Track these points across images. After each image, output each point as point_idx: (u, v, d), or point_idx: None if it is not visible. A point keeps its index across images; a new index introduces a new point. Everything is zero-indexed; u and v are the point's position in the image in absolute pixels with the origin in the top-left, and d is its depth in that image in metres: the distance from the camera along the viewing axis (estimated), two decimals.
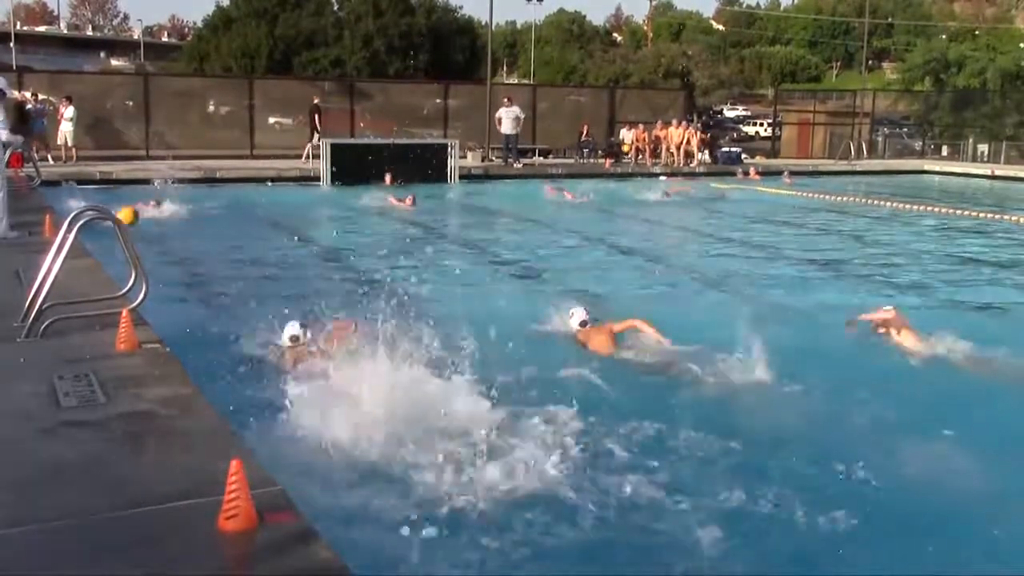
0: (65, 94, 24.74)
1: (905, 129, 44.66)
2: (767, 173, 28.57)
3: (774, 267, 13.59)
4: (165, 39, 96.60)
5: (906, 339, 8.49)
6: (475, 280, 11.65)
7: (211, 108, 29.31)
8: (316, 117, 26.13)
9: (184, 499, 3.92)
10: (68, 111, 23.64)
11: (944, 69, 47.39)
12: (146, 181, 21.68)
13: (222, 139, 28.16)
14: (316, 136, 25.47)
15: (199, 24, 47.87)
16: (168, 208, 16.47)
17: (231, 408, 5.47)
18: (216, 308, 9.72)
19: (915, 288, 12.03)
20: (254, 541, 3.58)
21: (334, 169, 22.23)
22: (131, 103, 27.33)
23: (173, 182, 18.74)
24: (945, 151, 39.39)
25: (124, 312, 6.35)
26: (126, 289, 6.94)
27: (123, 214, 11.04)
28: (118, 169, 22.39)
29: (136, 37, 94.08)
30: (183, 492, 3.98)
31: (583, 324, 8.64)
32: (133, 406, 5.13)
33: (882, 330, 8.75)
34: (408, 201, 18.93)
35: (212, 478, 3.90)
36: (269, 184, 22.40)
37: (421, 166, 23.34)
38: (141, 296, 6.72)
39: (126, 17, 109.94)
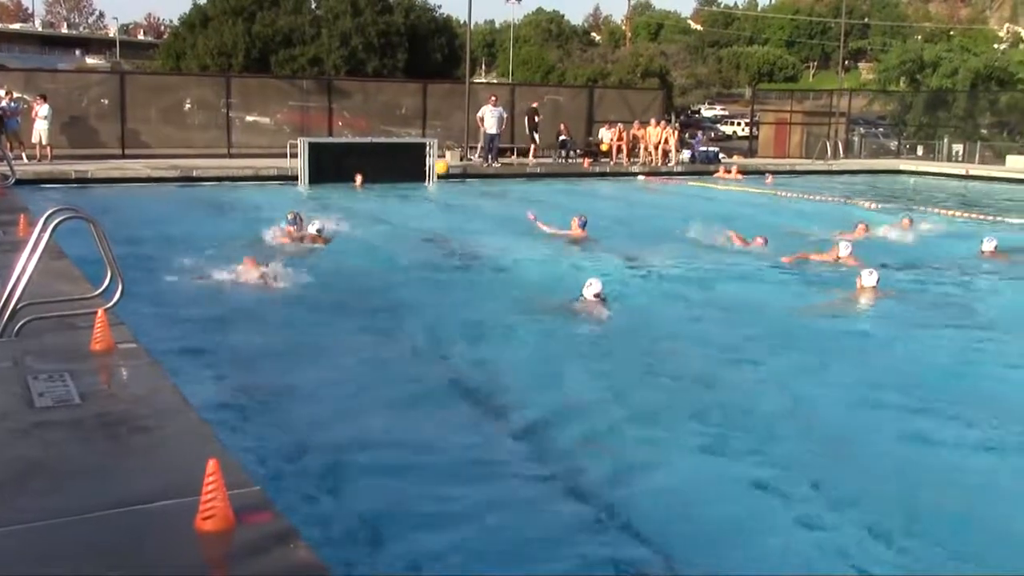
0: (40, 92, 24.50)
1: (881, 129, 45.01)
2: (746, 172, 28.76)
3: None
4: (141, 37, 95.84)
5: None
6: None
7: (188, 107, 29.09)
8: (534, 120, 28.99)
9: (160, 500, 3.89)
10: (43, 109, 23.41)
11: (919, 70, 47.77)
12: (122, 180, 21.58)
13: (199, 138, 27.96)
14: (536, 137, 28.90)
15: (175, 22, 47.61)
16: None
17: None
18: None
19: None
20: (232, 542, 3.56)
21: (313, 168, 22.16)
22: (107, 101, 27.09)
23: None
24: (920, 151, 39.72)
25: (100, 312, 6.31)
26: (101, 289, 6.89)
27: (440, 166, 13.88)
28: (93, 168, 22.19)
29: (112, 35, 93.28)
30: (159, 493, 3.95)
31: (596, 295, 9.58)
32: (109, 406, 5.09)
33: None
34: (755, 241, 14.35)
35: (189, 478, 3.88)
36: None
37: (399, 165, 23.29)
38: (117, 296, 6.67)
39: (101, 15, 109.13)
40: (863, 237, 15.09)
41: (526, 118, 29.53)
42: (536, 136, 29.26)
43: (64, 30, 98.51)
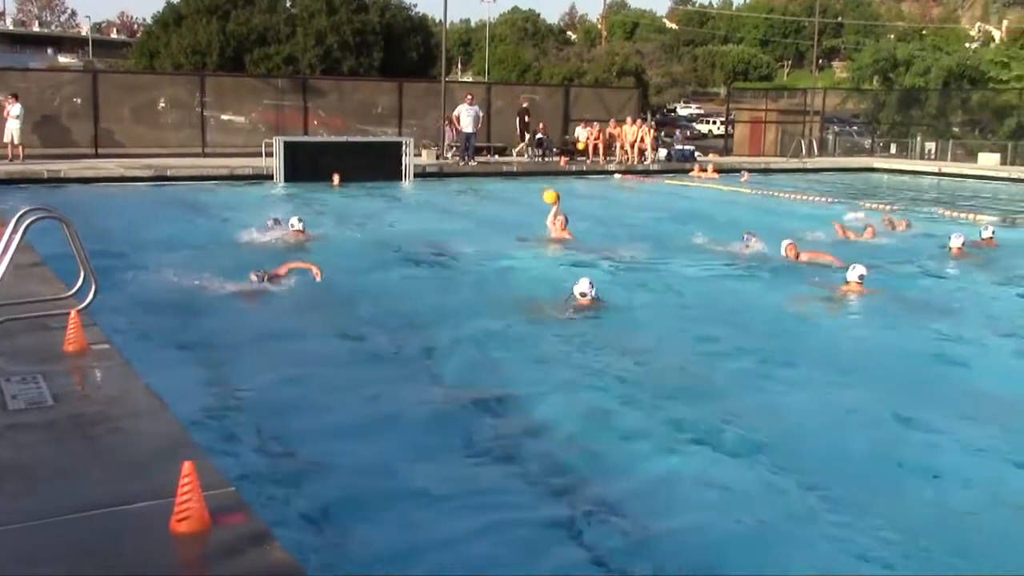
0: (11, 91, 24.26)
1: (855, 127, 45.34)
2: (722, 171, 28.90)
3: None
4: (114, 36, 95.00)
5: None
6: None
7: (162, 106, 28.90)
8: (525, 119, 29.60)
9: (135, 502, 3.88)
10: (15, 109, 23.18)
11: (892, 68, 48.14)
12: (95, 180, 21.41)
13: (173, 137, 27.81)
14: (527, 136, 29.62)
15: (149, 20, 47.29)
16: None
17: None
18: None
19: None
20: (207, 543, 3.56)
21: (288, 167, 22.08)
22: (79, 101, 26.87)
23: None
24: (893, 149, 40.05)
25: (72, 313, 6.26)
26: (74, 289, 6.84)
27: (548, 196, 14.28)
28: (66, 168, 22.01)
29: (84, 34, 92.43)
30: (134, 495, 3.94)
31: (583, 295, 9.50)
32: (82, 408, 5.06)
33: None
34: None
35: (164, 480, 3.86)
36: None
37: (375, 164, 23.23)
38: (90, 296, 6.62)
39: (74, 13, 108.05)
40: (872, 239, 15.10)
41: (517, 117, 30.06)
42: (527, 135, 29.80)
43: (36, 28, 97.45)
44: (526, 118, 29.96)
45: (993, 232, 14.87)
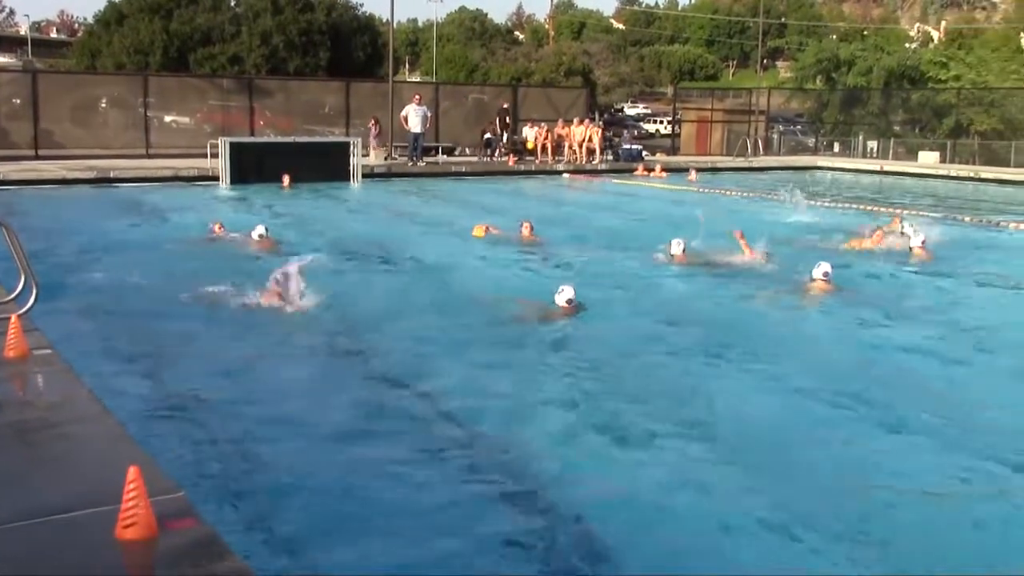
0: None
1: (799, 126, 46.01)
2: (669, 170, 29.16)
3: None
4: (54, 35, 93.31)
5: None
6: None
7: (104, 106, 28.45)
8: (505, 120, 30.23)
9: (79, 509, 3.80)
10: None
11: (835, 68, 48.90)
12: (36, 182, 21.00)
13: (116, 138, 27.39)
14: (505, 136, 30.18)
15: (90, 19, 46.62)
16: None
17: None
18: None
19: None
20: (155, 549, 3.50)
21: (234, 168, 21.84)
22: (18, 101, 26.36)
23: None
24: (837, 147, 40.69)
25: (13, 318, 6.13)
26: (14, 294, 6.72)
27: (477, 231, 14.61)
28: (5, 170, 21.56)
29: (23, 33, 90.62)
30: (78, 502, 3.86)
31: (568, 301, 9.35)
32: (23, 414, 4.97)
33: None
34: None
35: (109, 486, 3.79)
36: None
37: (323, 165, 23.06)
38: (31, 301, 6.50)
39: (12, 12, 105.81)
40: (879, 245, 14.78)
41: (497, 117, 30.45)
42: (506, 135, 30.23)
43: None
44: (507, 119, 30.25)
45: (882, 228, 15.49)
